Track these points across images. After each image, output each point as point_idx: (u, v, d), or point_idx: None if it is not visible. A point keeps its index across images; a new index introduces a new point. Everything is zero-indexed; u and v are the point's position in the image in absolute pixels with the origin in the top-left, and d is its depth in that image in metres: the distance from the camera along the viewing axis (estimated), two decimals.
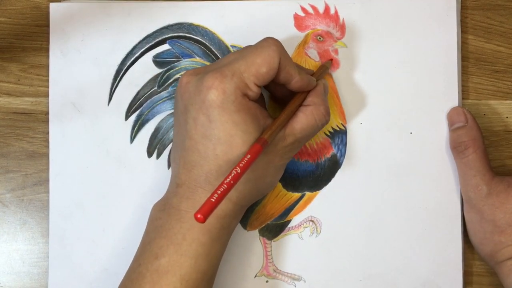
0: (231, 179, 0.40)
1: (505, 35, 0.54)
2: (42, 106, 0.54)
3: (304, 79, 0.47)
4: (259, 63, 0.44)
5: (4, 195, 0.54)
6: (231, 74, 0.44)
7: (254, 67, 0.44)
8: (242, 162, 0.41)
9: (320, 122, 0.47)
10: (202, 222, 0.38)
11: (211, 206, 0.39)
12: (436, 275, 0.52)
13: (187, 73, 0.46)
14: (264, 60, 0.44)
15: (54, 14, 0.54)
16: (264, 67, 0.44)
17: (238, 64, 0.44)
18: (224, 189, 0.40)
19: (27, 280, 0.53)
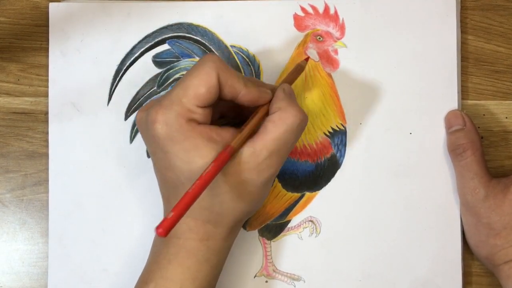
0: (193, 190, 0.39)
1: (504, 35, 0.54)
2: (42, 106, 0.54)
3: (252, 92, 0.44)
4: (196, 84, 0.42)
5: (4, 195, 0.54)
6: (170, 104, 0.42)
7: (191, 89, 0.42)
8: (205, 172, 0.40)
9: (294, 124, 0.43)
10: (163, 236, 0.37)
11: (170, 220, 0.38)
12: (436, 275, 0.52)
13: (141, 109, 0.46)
14: (201, 79, 0.42)
15: (54, 14, 0.53)
16: (202, 87, 0.42)
17: (176, 91, 0.43)
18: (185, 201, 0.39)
19: (27, 280, 0.53)
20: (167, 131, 0.42)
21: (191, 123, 0.42)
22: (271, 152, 0.43)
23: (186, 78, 0.43)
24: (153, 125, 0.42)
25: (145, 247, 0.52)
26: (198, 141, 0.42)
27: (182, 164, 0.42)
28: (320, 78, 0.53)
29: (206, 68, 0.43)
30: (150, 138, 0.44)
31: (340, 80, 0.53)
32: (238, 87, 0.43)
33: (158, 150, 0.43)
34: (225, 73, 0.43)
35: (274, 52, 0.53)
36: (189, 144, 0.42)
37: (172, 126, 0.42)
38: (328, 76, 0.53)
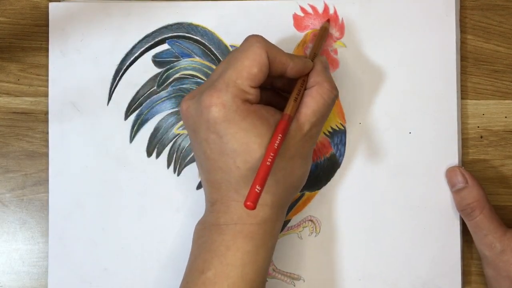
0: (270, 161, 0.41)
1: (504, 35, 0.54)
2: (42, 106, 0.54)
3: (298, 64, 0.46)
4: (248, 65, 0.43)
5: (4, 195, 0.54)
6: (225, 86, 0.43)
7: (245, 71, 0.43)
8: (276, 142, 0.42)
9: (329, 99, 0.46)
10: (253, 208, 0.39)
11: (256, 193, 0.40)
12: (435, 275, 0.52)
13: (185, 99, 0.46)
14: (252, 60, 0.44)
15: (54, 14, 0.54)
16: (255, 67, 0.43)
17: (228, 74, 0.44)
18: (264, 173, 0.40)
19: (27, 280, 0.53)
20: (225, 113, 0.43)
21: (246, 104, 0.44)
22: (312, 124, 0.45)
23: (236, 61, 0.44)
24: (209, 109, 0.43)
25: (145, 247, 0.52)
26: (255, 120, 0.43)
27: (239, 146, 0.43)
28: None
29: (255, 49, 0.44)
30: (204, 123, 0.44)
31: (339, 80, 0.53)
32: (286, 61, 0.45)
33: (213, 135, 0.44)
34: (272, 51, 0.44)
35: None
36: (247, 124, 0.43)
37: (230, 107, 0.43)
38: None
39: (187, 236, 0.52)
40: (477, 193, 0.50)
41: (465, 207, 0.50)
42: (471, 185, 0.50)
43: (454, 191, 0.51)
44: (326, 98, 0.45)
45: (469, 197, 0.50)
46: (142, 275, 0.52)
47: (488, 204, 0.49)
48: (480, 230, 0.49)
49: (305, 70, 0.47)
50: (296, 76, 0.46)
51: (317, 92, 0.45)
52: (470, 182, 0.50)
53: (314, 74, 0.47)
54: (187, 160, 0.53)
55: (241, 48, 0.45)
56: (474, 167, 0.53)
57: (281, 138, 0.42)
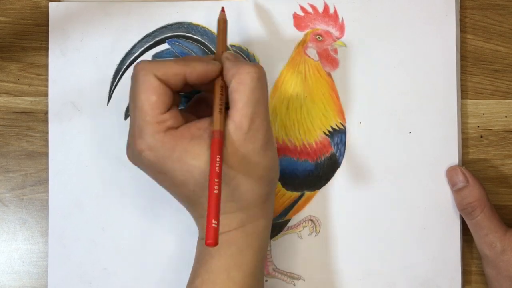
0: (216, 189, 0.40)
1: (504, 34, 0.54)
2: (42, 105, 0.54)
3: (196, 68, 0.43)
4: (144, 98, 0.42)
5: (4, 194, 0.54)
6: (139, 130, 0.43)
7: (145, 105, 0.42)
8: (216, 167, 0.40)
9: (253, 81, 0.42)
10: (215, 245, 0.39)
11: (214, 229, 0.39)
12: (435, 274, 0.52)
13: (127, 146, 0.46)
14: (145, 91, 0.42)
15: (54, 13, 0.54)
16: (152, 95, 0.42)
17: (135, 117, 0.43)
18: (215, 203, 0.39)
19: (27, 280, 0.53)
20: (155, 154, 0.43)
21: (169, 132, 0.43)
22: (250, 117, 0.42)
23: (134, 99, 0.43)
24: (141, 156, 0.43)
25: (145, 247, 0.52)
26: (185, 144, 0.42)
27: (183, 175, 0.43)
28: (319, 78, 0.53)
29: (142, 78, 0.42)
30: (146, 168, 0.45)
31: (339, 79, 0.53)
32: (180, 70, 0.43)
33: (157, 174, 0.44)
34: (160, 69, 0.43)
35: (273, 52, 0.53)
36: (179, 153, 0.42)
37: (155, 147, 0.42)
38: (327, 76, 0.53)
39: (187, 236, 0.52)
40: (478, 192, 0.50)
41: (466, 206, 0.50)
42: (471, 184, 0.50)
43: (454, 190, 0.51)
44: (250, 82, 0.42)
45: (470, 196, 0.50)
46: (142, 275, 0.52)
47: (488, 204, 0.49)
48: (481, 229, 0.49)
49: (209, 73, 0.44)
50: (200, 81, 0.44)
51: (237, 82, 0.42)
52: (471, 181, 0.50)
53: (226, 71, 0.44)
54: None
55: (132, 84, 0.44)
56: (474, 166, 0.53)
57: (220, 159, 0.40)
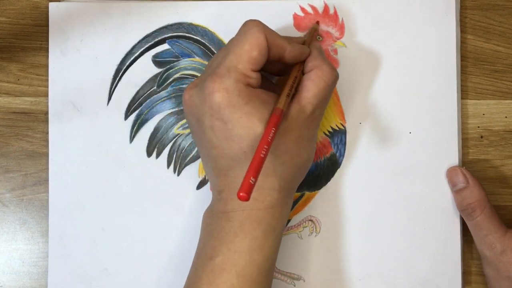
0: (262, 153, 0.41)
1: (504, 35, 0.54)
2: (42, 106, 0.54)
3: (296, 48, 0.46)
4: (247, 49, 0.44)
5: (4, 194, 0.54)
6: (227, 71, 0.43)
7: (245, 54, 0.44)
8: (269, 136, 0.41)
9: (330, 80, 0.46)
10: (246, 199, 0.39)
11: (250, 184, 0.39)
12: (435, 275, 0.52)
13: (187, 88, 0.46)
14: (252, 43, 0.44)
15: (54, 13, 0.54)
16: (255, 51, 0.44)
17: (229, 59, 0.44)
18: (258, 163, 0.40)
19: (27, 280, 0.53)
20: (228, 98, 0.43)
21: (248, 88, 0.44)
22: (314, 106, 0.45)
23: (236, 46, 0.44)
24: (212, 95, 0.43)
25: (145, 247, 0.52)
26: (258, 104, 0.43)
27: (243, 131, 0.43)
28: None
29: (253, 32, 0.44)
30: (207, 110, 0.44)
31: (339, 79, 0.53)
32: (284, 45, 0.45)
33: (217, 121, 0.44)
34: (271, 34, 0.45)
35: None
36: (250, 108, 0.43)
37: (232, 92, 0.43)
38: None
39: (187, 236, 0.52)
40: (478, 193, 0.50)
41: (466, 207, 0.50)
42: (472, 185, 0.50)
43: (455, 191, 0.51)
44: (327, 80, 0.46)
45: (470, 196, 0.50)
46: (142, 275, 0.52)
47: (489, 204, 0.49)
48: (481, 230, 0.49)
49: (302, 55, 0.47)
50: (293, 61, 0.47)
51: (317, 75, 0.45)
52: (471, 182, 0.50)
53: (311, 59, 0.47)
54: (187, 160, 0.53)
55: (239, 33, 0.45)
56: (474, 167, 0.53)
57: (274, 131, 0.42)
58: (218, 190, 0.46)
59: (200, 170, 0.53)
